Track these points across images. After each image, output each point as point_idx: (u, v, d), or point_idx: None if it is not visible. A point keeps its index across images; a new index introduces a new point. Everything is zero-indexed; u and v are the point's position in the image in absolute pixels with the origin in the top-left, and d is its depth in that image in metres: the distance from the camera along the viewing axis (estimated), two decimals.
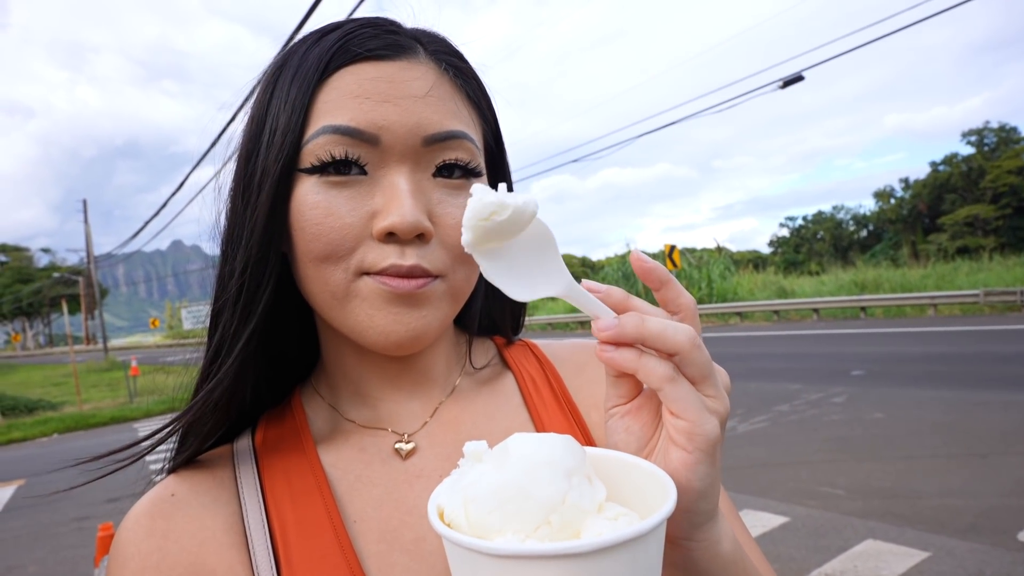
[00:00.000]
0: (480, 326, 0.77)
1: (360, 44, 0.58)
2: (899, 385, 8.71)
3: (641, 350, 0.45)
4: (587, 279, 0.48)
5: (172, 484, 0.60)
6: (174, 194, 23.63)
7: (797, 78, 13.75)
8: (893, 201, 50.49)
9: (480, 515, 0.38)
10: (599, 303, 0.47)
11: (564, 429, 0.66)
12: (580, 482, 0.39)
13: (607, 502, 0.40)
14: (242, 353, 0.59)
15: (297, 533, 0.57)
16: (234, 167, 0.63)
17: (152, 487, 0.61)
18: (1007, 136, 43.41)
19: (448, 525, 0.39)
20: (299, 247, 0.58)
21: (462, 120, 0.61)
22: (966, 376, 8.81)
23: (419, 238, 0.56)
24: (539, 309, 27.57)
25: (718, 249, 37.25)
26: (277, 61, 0.62)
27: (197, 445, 0.62)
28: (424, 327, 0.58)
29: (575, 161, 19.66)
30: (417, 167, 0.58)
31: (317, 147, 0.56)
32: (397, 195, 0.56)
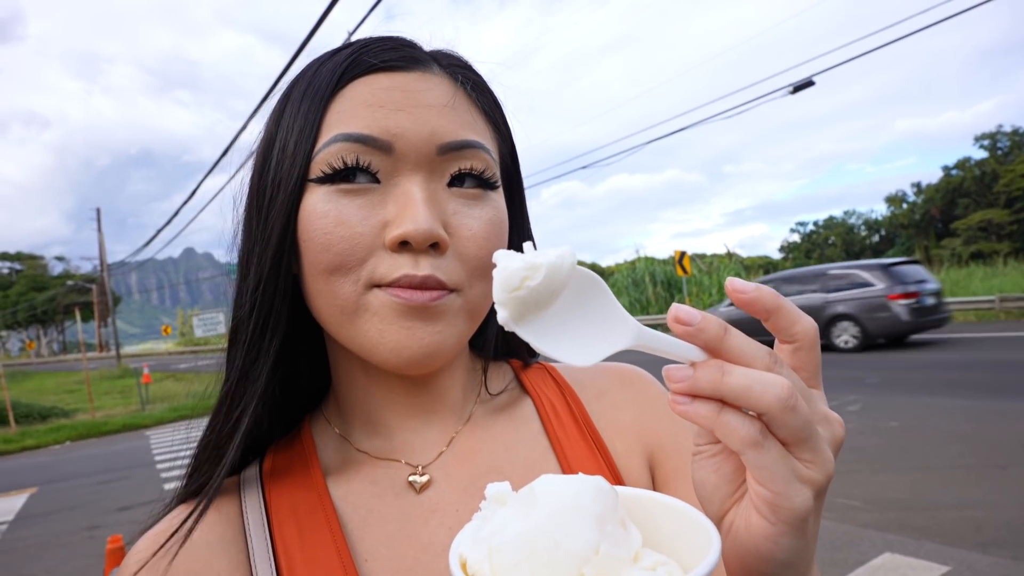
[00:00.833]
0: (495, 349, 0.74)
1: (374, 56, 0.57)
2: (914, 393, 8.58)
3: (723, 404, 0.39)
4: (678, 304, 0.40)
5: (177, 519, 0.58)
6: (186, 202, 23.88)
7: (807, 83, 13.69)
8: (905, 206, 50.17)
9: (507, 567, 0.36)
10: (681, 344, 0.40)
11: (587, 459, 0.63)
12: (614, 529, 0.36)
13: (643, 548, 0.37)
14: (264, 373, 0.57)
15: (305, 574, 0.54)
16: (247, 184, 0.61)
17: (161, 518, 0.59)
18: (1021, 140, 43.12)
19: None
20: (307, 259, 0.55)
21: (478, 131, 0.59)
22: (983, 384, 8.67)
23: (434, 248, 0.54)
24: None
25: (728, 255, 37.14)
26: (289, 83, 0.61)
27: (212, 474, 0.59)
28: (439, 343, 0.55)
29: (584, 167, 19.62)
30: (431, 176, 0.56)
31: (328, 155, 0.54)
32: (411, 203, 0.53)
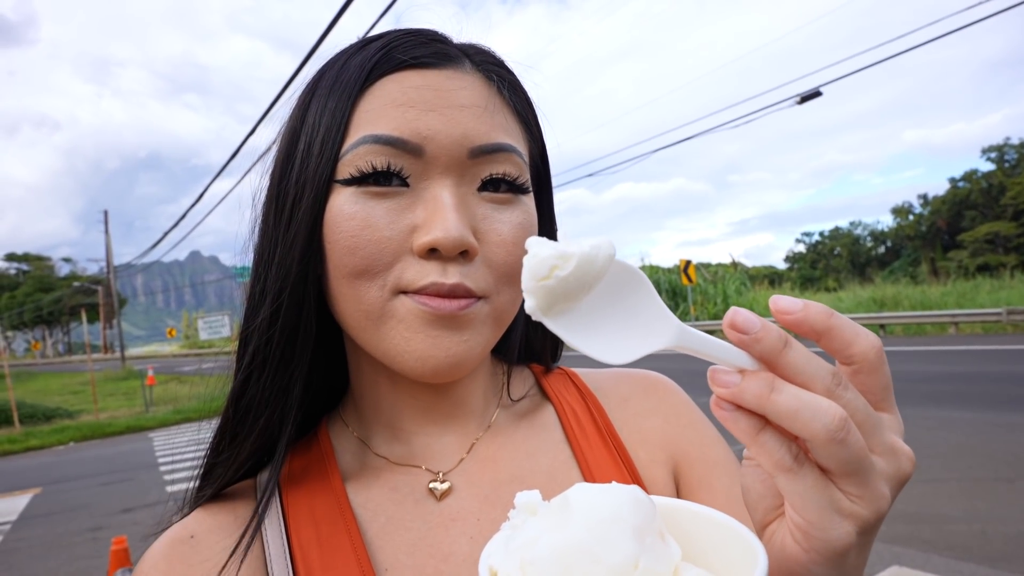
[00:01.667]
0: (518, 354, 0.72)
1: (405, 51, 0.55)
2: (921, 405, 8.51)
3: (766, 421, 0.36)
4: (738, 308, 0.36)
5: (192, 524, 0.57)
6: (193, 205, 23.97)
7: (815, 94, 13.69)
8: (911, 217, 49.93)
9: None
10: (730, 350, 0.37)
11: (609, 467, 0.62)
12: (653, 542, 0.35)
13: (682, 562, 0.36)
14: (297, 380, 0.56)
15: None
16: (266, 187, 0.59)
17: (171, 526, 0.58)
18: None
19: None
20: (332, 262, 0.54)
21: (510, 134, 0.57)
22: (990, 397, 8.59)
23: (463, 255, 0.53)
24: None
25: (733, 264, 37.05)
26: (315, 75, 0.59)
27: (227, 478, 0.58)
28: (465, 352, 0.54)
29: (590, 175, 19.68)
30: (462, 180, 0.54)
31: (356, 157, 0.52)
32: (440, 208, 0.52)
